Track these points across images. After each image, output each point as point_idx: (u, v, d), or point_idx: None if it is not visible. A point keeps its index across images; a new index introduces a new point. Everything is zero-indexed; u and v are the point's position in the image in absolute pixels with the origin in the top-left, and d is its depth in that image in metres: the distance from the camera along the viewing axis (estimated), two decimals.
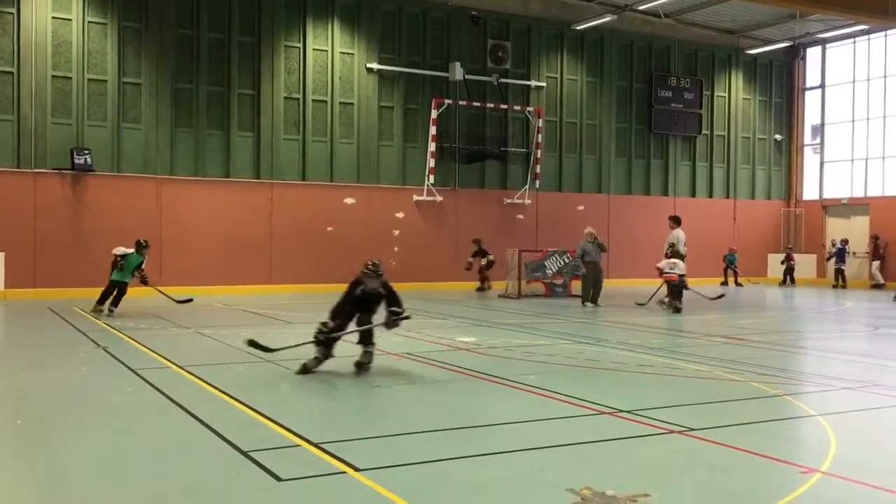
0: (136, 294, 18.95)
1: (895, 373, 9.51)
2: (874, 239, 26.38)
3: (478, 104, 23.69)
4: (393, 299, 8.93)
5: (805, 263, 28.27)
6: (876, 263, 26.10)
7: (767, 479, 5.28)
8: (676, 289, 16.49)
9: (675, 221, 17.93)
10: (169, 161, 20.31)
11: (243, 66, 21.13)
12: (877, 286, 25.73)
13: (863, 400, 7.92)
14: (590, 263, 17.91)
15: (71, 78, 19.26)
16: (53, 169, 19.04)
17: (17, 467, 5.38)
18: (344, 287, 9.03)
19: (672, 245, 17.56)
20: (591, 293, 17.91)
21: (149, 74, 20.07)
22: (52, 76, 19.08)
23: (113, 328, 12.68)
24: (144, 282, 14.73)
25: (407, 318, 8.94)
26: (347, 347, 9.00)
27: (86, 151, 19.20)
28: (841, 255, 26.31)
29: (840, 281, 26.21)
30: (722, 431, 6.33)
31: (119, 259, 14.52)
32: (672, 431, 6.32)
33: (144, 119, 20.05)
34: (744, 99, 28.90)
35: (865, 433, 6.68)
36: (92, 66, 19.48)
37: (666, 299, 16.73)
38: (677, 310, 16.34)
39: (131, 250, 14.65)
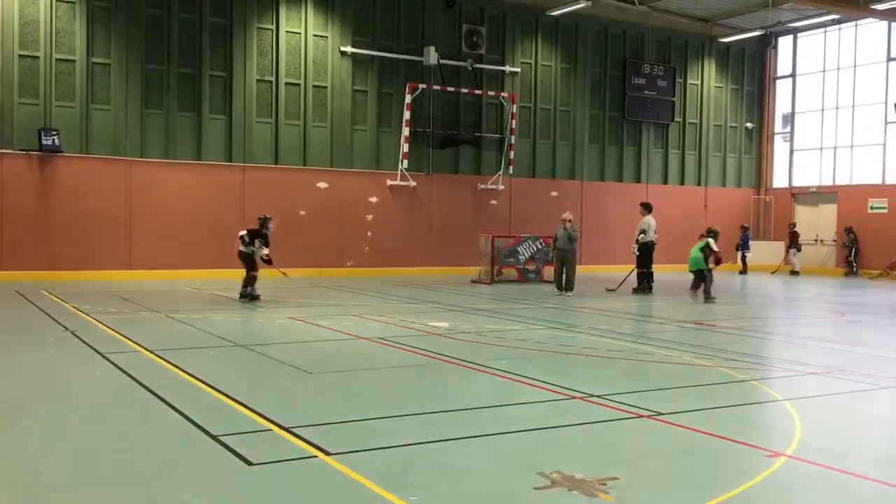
0: (106, 278, 18.76)
1: (860, 358, 9.68)
2: (791, 226, 27.06)
3: (452, 89, 23.61)
4: None
5: (774, 250, 28.57)
6: (793, 251, 26.71)
7: (734, 462, 5.38)
8: None
9: (647, 208, 18.06)
10: (139, 143, 20.03)
11: (215, 48, 20.86)
12: (794, 272, 26.37)
13: (828, 385, 8.07)
14: (558, 251, 17.67)
15: (38, 57, 18.89)
16: (20, 150, 18.71)
17: None
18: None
19: (643, 231, 17.69)
20: (563, 280, 17.60)
21: (118, 55, 19.75)
22: (19, 55, 18.70)
23: (82, 312, 12.54)
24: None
25: None
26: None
27: (54, 132, 18.88)
28: (745, 242, 26.88)
29: (743, 267, 26.74)
30: (690, 416, 6.41)
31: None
32: (641, 416, 6.40)
33: (114, 100, 19.74)
34: (716, 87, 29.09)
35: (830, 417, 6.81)
36: (60, 46, 19.13)
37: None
38: None
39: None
